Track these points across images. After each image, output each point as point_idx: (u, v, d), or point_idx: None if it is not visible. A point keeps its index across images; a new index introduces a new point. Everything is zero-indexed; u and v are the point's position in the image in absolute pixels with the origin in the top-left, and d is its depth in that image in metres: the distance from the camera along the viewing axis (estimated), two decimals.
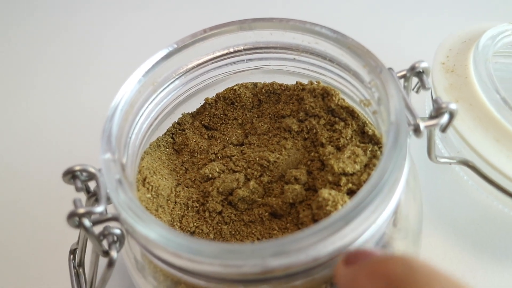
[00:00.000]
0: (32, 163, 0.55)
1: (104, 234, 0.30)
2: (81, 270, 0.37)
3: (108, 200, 0.30)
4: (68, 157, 0.53)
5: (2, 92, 0.64)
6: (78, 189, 0.31)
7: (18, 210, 0.50)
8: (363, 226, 0.28)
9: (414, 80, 0.36)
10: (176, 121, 0.42)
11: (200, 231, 0.35)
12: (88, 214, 0.29)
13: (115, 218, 0.30)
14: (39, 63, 0.68)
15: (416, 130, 0.32)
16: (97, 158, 0.31)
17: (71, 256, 0.37)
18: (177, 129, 0.41)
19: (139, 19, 0.74)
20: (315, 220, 0.33)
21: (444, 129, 0.33)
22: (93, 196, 0.32)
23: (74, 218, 0.28)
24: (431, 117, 0.32)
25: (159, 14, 0.75)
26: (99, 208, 0.29)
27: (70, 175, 0.31)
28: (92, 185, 0.32)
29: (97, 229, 0.29)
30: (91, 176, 0.31)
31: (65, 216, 0.28)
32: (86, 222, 0.29)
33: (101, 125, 0.32)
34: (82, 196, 0.31)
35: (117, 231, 0.30)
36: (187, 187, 0.37)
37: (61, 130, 0.58)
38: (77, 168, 0.31)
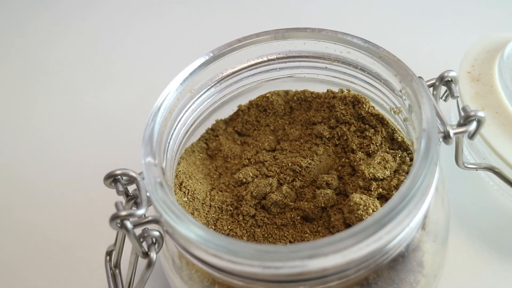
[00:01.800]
0: (62, 169, 0.56)
1: (143, 236, 0.30)
2: (117, 271, 0.38)
3: (147, 204, 0.31)
4: (99, 163, 0.54)
5: (33, 102, 0.65)
6: (119, 193, 0.33)
7: (52, 215, 0.51)
8: (397, 230, 0.28)
9: (442, 89, 0.36)
10: (210, 127, 0.43)
11: (234, 233, 0.36)
12: (129, 216, 0.29)
13: (155, 221, 0.31)
14: (65, 66, 0.70)
15: (446, 137, 0.32)
16: (124, 164, 0.32)
17: (108, 257, 0.38)
18: (211, 135, 0.42)
19: (163, 23, 0.76)
20: (346, 223, 0.34)
21: (472, 136, 0.34)
22: (132, 199, 0.33)
23: (116, 220, 0.29)
24: (460, 125, 0.33)
25: (182, 20, 0.76)
26: (140, 211, 0.30)
27: (112, 178, 0.32)
28: (130, 188, 0.33)
29: (136, 231, 0.30)
30: (132, 180, 0.33)
31: (105, 219, 0.29)
32: (128, 224, 0.29)
33: (128, 133, 0.33)
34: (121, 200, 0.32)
35: (156, 233, 0.31)
36: (221, 191, 0.38)
37: (89, 137, 0.59)
38: (118, 172, 0.32)
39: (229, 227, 0.36)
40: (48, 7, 0.80)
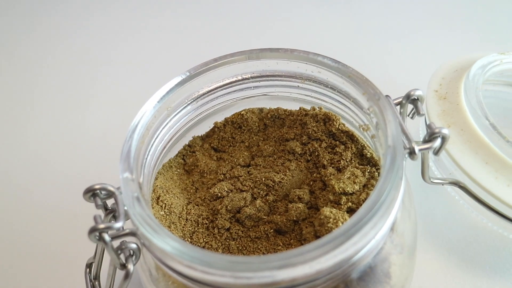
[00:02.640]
0: (44, 183, 0.57)
1: (121, 248, 0.31)
2: (96, 283, 0.39)
3: (125, 217, 0.31)
4: (80, 178, 0.55)
5: (15, 115, 0.66)
6: (98, 206, 0.33)
7: (33, 228, 0.52)
8: (363, 242, 0.29)
9: (409, 106, 0.37)
10: (187, 143, 0.43)
11: (210, 246, 0.37)
12: (107, 229, 0.30)
13: (132, 233, 0.31)
14: (49, 86, 0.70)
15: (411, 153, 0.33)
16: (105, 179, 0.32)
17: (87, 269, 0.39)
18: (188, 151, 0.43)
19: (141, 44, 0.77)
20: (317, 236, 0.35)
21: (437, 152, 0.35)
22: (111, 213, 0.34)
23: (95, 233, 0.30)
24: (425, 141, 0.34)
25: (164, 41, 0.77)
26: (118, 224, 0.30)
27: (91, 193, 0.33)
28: (109, 203, 0.34)
29: (115, 244, 0.31)
30: (110, 194, 0.33)
31: (86, 231, 0.30)
32: (106, 237, 0.30)
33: (108, 149, 0.33)
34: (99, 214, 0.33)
35: (133, 246, 0.31)
36: (197, 205, 0.39)
37: (71, 153, 0.60)
38: (97, 186, 0.33)
39: (205, 239, 0.37)
40: (34, 25, 0.81)
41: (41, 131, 0.64)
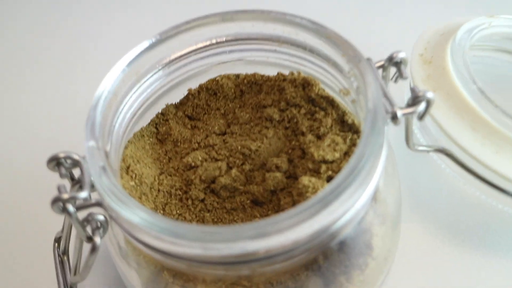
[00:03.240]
0: (15, 152, 0.55)
1: (87, 220, 0.30)
2: (65, 258, 0.38)
3: (92, 188, 0.30)
4: (52, 146, 0.53)
5: None
6: (62, 176, 0.32)
7: (1, 200, 0.51)
8: (341, 210, 0.28)
9: (393, 70, 0.36)
10: (160, 111, 0.42)
11: (183, 218, 0.36)
12: (72, 199, 0.29)
13: (99, 204, 0.30)
14: (23, 54, 0.69)
15: (394, 118, 0.32)
16: (81, 147, 0.31)
17: (56, 244, 0.38)
18: (161, 119, 0.42)
19: (122, 13, 0.75)
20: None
21: (421, 117, 0.33)
22: (77, 184, 0.33)
23: (58, 204, 0.29)
24: (409, 105, 0.33)
25: (143, 7, 0.75)
26: (83, 194, 0.29)
27: (55, 162, 0.32)
28: (76, 173, 0.33)
29: (82, 216, 0.30)
30: (75, 163, 0.32)
31: (49, 202, 0.29)
32: (70, 207, 0.29)
33: (85, 115, 0.32)
34: (67, 184, 0.31)
35: (101, 217, 0.30)
36: (170, 176, 0.38)
37: (44, 119, 0.59)
38: (62, 155, 0.32)
39: (178, 211, 0.36)
40: None
41: (6, 96, 0.62)
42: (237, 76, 0.43)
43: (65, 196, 0.29)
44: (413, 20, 0.67)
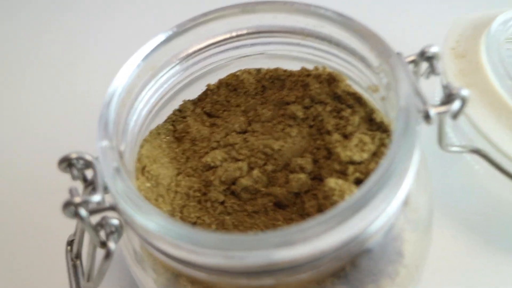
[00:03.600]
0: (26, 153, 0.55)
1: (101, 225, 0.29)
2: (78, 262, 0.36)
3: (106, 190, 0.29)
4: (64, 147, 0.53)
5: None
6: (74, 177, 0.31)
7: (13, 202, 0.50)
8: (371, 216, 0.27)
9: (424, 66, 0.35)
10: (177, 108, 0.41)
11: (202, 221, 0.34)
12: (84, 203, 0.28)
13: (113, 208, 0.29)
14: (31, 51, 0.68)
15: (426, 117, 0.31)
16: (94, 147, 0.30)
17: (68, 247, 0.37)
18: (178, 116, 0.41)
19: (136, 4, 0.74)
20: (321, 210, 0.33)
21: (455, 115, 0.32)
22: (90, 185, 0.31)
23: (70, 208, 0.28)
24: (442, 103, 0.31)
25: (148, 3, 0.75)
26: (96, 197, 0.28)
27: (66, 163, 0.31)
28: (89, 174, 0.31)
29: (96, 220, 0.29)
30: (88, 164, 0.31)
31: (60, 206, 0.28)
32: (82, 211, 0.28)
33: (90, 114, 0.32)
34: (78, 186, 0.30)
35: (115, 222, 0.29)
36: (188, 176, 0.36)
37: (56, 119, 0.58)
38: (73, 155, 0.30)
39: (196, 214, 0.34)
40: None
41: (18, 97, 0.62)
42: (259, 70, 0.42)
43: (77, 199, 0.28)
44: (442, 12, 0.65)
